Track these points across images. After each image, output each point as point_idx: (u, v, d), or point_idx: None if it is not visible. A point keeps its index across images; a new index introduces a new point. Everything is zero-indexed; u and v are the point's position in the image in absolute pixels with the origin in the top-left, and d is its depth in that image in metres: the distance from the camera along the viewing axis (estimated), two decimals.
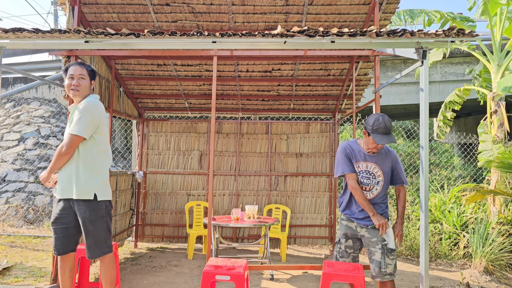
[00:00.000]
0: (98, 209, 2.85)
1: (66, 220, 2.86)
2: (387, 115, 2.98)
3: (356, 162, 3.11)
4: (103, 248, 2.89)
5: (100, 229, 2.87)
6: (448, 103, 6.42)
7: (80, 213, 2.81)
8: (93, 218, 2.82)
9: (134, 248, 6.08)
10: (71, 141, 2.76)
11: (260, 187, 6.43)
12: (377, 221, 2.96)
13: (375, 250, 3.00)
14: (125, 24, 4.71)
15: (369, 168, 3.09)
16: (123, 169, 10.11)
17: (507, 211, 5.54)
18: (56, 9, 14.08)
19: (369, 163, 3.09)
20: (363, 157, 3.10)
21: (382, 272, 2.94)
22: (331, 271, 2.83)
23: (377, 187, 3.09)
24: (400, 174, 3.13)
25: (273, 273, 4.75)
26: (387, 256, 2.97)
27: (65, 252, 2.89)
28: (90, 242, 2.84)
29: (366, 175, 3.10)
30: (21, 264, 4.87)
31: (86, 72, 2.84)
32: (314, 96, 6.14)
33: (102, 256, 2.89)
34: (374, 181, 3.09)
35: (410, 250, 5.99)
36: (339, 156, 3.15)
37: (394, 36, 2.54)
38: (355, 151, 3.12)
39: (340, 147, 3.18)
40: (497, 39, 5.76)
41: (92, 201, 2.83)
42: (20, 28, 2.51)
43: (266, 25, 4.71)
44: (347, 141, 3.21)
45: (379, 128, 2.91)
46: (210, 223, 3.76)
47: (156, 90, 6.13)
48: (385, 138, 2.91)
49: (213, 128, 3.57)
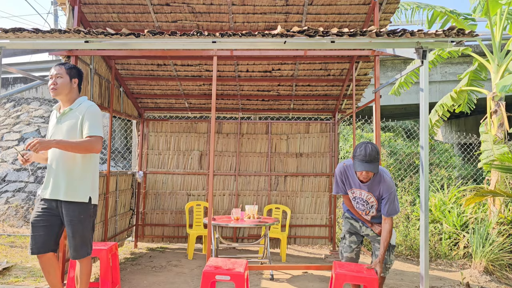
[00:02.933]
0: (88, 209, 2.84)
1: (49, 218, 2.81)
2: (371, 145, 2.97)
3: (350, 189, 3.23)
4: (88, 248, 2.87)
5: (88, 228, 2.85)
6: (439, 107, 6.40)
7: (68, 213, 2.77)
8: (82, 218, 2.79)
9: (134, 248, 6.08)
10: (99, 142, 2.77)
11: (260, 187, 6.43)
12: (376, 230, 3.22)
13: (380, 246, 3.17)
14: (125, 24, 4.71)
15: (362, 196, 3.18)
16: (123, 169, 10.11)
17: (507, 211, 5.54)
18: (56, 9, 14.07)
19: (362, 190, 3.15)
20: (357, 184, 3.15)
21: (387, 267, 3.19)
22: (344, 272, 2.83)
23: (372, 211, 3.23)
24: (386, 205, 3.04)
25: (273, 273, 4.75)
26: (391, 253, 3.21)
27: (45, 251, 2.81)
28: (77, 242, 2.79)
29: (361, 202, 3.22)
30: (21, 264, 4.87)
31: (64, 70, 2.82)
32: (314, 96, 6.14)
33: (86, 256, 2.85)
34: (368, 206, 3.22)
35: (410, 250, 5.99)
36: (336, 178, 3.30)
37: (394, 36, 2.53)
38: (349, 178, 3.19)
39: (338, 169, 3.26)
40: (497, 39, 5.76)
41: (84, 203, 2.81)
42: (20, 28, 2.51)
43: (266, 25, 4.71)
44: (344, 164, 3.21)
45: (359, 155, 2.95)
46: (210, 223, 3.76)
47: (156, 90, 6.13)
48: (363, 166, 2.91)
49: (213, 128, 3.57)
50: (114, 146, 10.79)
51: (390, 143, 9.72)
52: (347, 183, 3.21)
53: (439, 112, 6.35)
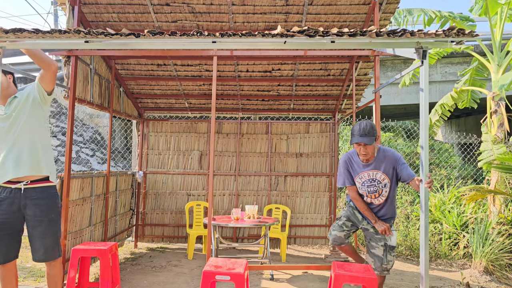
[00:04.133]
0: (57, 204, 2.75)
1: (12, 225, 2.66)
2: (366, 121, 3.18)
3: (357, 175, 3.25)
4: (60, 249, 2.77)
5: (59, 227, 2.77)
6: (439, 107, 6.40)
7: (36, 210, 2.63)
8: (52, 217, 2.71)
9: (134, 248, 6.08)
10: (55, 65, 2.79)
11: (260, 187, 6.43)
12: (380, 227, 3.19)
13: (377, 246, 3.20)
14: (125, 24, 4.71)
15: (371, 176, 3.21)
16: (123, 169, 10.11)
17: (507, 211, 5.54)
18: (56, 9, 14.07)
19: (370, 171, 3.21)
20: (362, 167, 3.24)
21: (383, 267, 3.17)
22: (343, 272, 2.83)
23: (386, 190, 3.22)
24: (406, 170, 3.16)
25: (273, 273, 4.75)
26: (389, 253, 3.18)
27: (10, 259, 2.68)
28: (48, 243, 2.67)
29: (371, 183, 3.22)
30: (21, 264, 4.87)
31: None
32: (314, 96, 6.14)
33: (58, 258, 2.77)
34: (381, 185, 3.18)
35: (410, 250, 5.99)
36: (341, 168, 3.36)
37: (394, 36, 2.53)
38: (354, 164, 3.28)
39: (342, 159, 3.36)
40: (497, 39, 5.76)
41: (51, 192, 2.72)
42: (20, 29, 2.50)
43: (266, 25, 4.71)
44: (348, 153, 3.35)
45: (355, 130, 3.15)
46: (210, 223, 3.76)
47: (156, 90, 6.13)
48: (358, 139, 3.10)
49: (213, 128, 3.57)
50: (114, 146, 10.80)
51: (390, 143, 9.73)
52: (353, 170, 3.27)
53: (439, 112, 6.35)
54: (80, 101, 4.28)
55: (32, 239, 2.68)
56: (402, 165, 3.19)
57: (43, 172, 2.74)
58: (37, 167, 2.71)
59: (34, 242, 2.68)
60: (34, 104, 2.78)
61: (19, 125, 2.72)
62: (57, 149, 9.30)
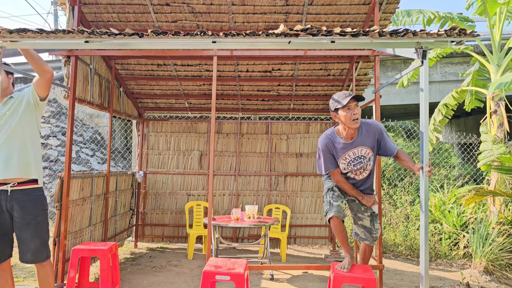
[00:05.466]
0: (44, 206, 2.73)
1: (2, 225, 2.65)
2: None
3: (342, 155, 3.09)
4: (48, 251, 2.75)
5: (46, 229, 2.74)
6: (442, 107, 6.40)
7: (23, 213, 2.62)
8: (39, 219, 2.68)
9: (134, 248, 6.08)
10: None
11: (260, 187, 6.43)
12: (368, 202, 3.15)
13: (364, 217, 3.20)
14: (125, 24, 4.71)
15: (357, 154, 3.08)
16: (123, 169, 10.11)
17: (507, 211, 5.54)
18: (56, 9, 14.07)
19: (355, 148, 3.07)
20: (347, 147, 3.07)
21: (373, 237, 3.18)
22: (342, 273, 2.83)
23: (370, 163, 3.14)
24: (389, 143, 3.09)
25: (273, 273, 4.75)
26: (375, 221, 3.19)
27: (3, 259, 2.68)
28: (36, 244, 2.66)
29: (357, 161, 3.10)
30: (21, 264, 4.87)
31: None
32: (314, 96, 6.14)
33: (47, 259, 2.74)
34: (365, 160, 3.11)
35: (410, 250, 5.99)
36: (322, 154, 3.13)
37: (396, 36, 2.53)
38: (336, 146, 3.09)
39: (322, 143, 3.13)
40: (496, 39, 5.76)
41: (38, 194, 2.70)
42: (24, 29, 2.51)
43: (266, 25, 4.71)
44: (326, 136, 3.14)
45: (338, 96, 3.01)
46: (210, 223, 3.76)
47: (156, 90, 6.13)
48: (347, 99, 2.94)
49: (213, 128, 3.57)
50: (114, 146, 10.79)
51: None
52: (336, 152, 3.09)
53: (443, 112, 6.34)
54: (80, 101, 4.28)
55: (20, 241, 2.67)
56: (386, 137, 3.09)
57: (32, 174, 2.73)
58: (26, 169, 2.69)
59: (21, 244, 2.67)
60: (28, 107, 2.79)
61: (10, 125, 2.72)
62: (57, 149, 9.29)
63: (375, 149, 3.11)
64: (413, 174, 7.94)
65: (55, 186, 4.52)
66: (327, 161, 3.11)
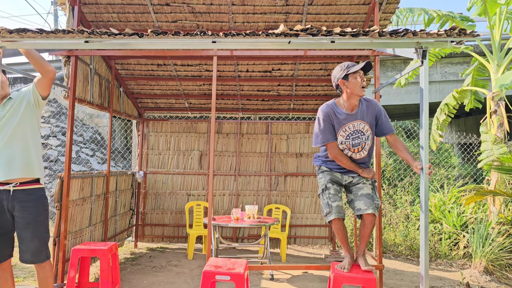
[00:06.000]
0: (45, 207, 2.72)
1: (1, 226, 2.66)
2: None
3: (342, 127, 3.03)
4: (48, 252, 2.74)
5: (47, 230, 2.74)
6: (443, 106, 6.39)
7: (24, 213, 2.62)
8: (40, 220, 2.68)
9: (134, 248, 6.08)
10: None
11: (260, 187, 6.43)
12: (368, 174, 3.07)
13: (366, 185, 3.08)
14: (125, 24, 4.71)
15: (356, 127, 3.04)
16: (123, 169, 10.11)
17: (507, 211, 5.54)
18: (56, 9, 14.07)
19: (355, 121, 3.04)
20: (348, 119, 3.03)
21: (375, 203, 3.02)
22: (342, 273, 2.83)
23: (368, 142, 3.09)
24: (386, 122, 3.07)
25: (273, 273, 4.75)
26: (376, 191, 3.11)
27: (3, 259, 2.69)
28: (35, 244, 2.65)
29: (356, 135, 3.05)
30: (21, 264, 4.87)
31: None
32: (314, 96, 6.14)
33: (47, 260, 2.73)
34: (364, 137, 3.06)
35: (410, 250, 5.99)
36: (323, 123, 3.02)
37: (396, 36, 2.53)
38: (338, 116, 3.03)
39: (322, 112, 3.04)
40: (496, 39, 5.76)
41: (40, 194, 2.71)
42: (24, 29, 2.51)
43: (266, 25, 4.71)
44: (327, 105, 3.08)
45: (346, 65, 2.98)
46: (210, 223, 3.76)
47: (156, 90, 6.13)
48: (356, 67, 2.94)
49: (213, 128, 3.57)
50: (114, 146, 10.79)
51: None
52: (337, 122, 3.01)
53: (445, 111, 6.33)
54: (80, 101, 4.28)
55: (20, 240, 2.67)
56: (385, 116, 3.06)
57: (35, 174, 2.73)
58: (28, 169, 2.69)
59: (21, 244, 2.67)
60: (28, 107, 2.79)
61: (11, 126, 2.71)
62: (57, 149, 9.29)
63: (373, 127, 3.08)
64: (413, 174, 7.94)
65: (55, 186, 4.52)
66: (326, 131, 3.01)
